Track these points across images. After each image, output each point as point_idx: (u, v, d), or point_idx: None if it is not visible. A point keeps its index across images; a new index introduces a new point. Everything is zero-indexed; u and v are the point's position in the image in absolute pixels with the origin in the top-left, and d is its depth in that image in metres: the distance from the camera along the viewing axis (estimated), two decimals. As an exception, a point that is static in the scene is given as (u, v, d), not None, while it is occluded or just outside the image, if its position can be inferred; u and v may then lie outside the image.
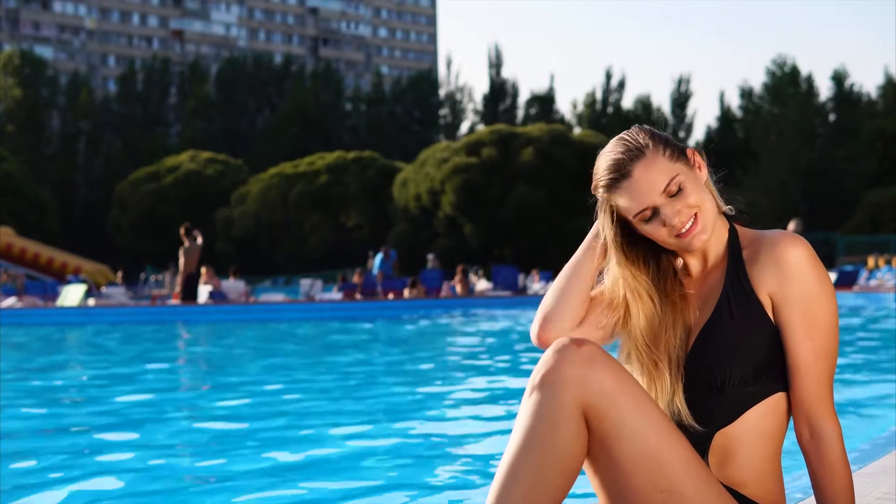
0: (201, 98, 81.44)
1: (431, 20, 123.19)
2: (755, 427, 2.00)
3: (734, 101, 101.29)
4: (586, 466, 1.99)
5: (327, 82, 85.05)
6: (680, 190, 2.03)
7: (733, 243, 2.09)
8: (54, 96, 79.68)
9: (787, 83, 65.00)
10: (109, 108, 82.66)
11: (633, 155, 2.03)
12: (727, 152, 63.64)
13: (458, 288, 22.53)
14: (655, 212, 2.03)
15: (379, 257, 24.52)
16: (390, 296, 21.03)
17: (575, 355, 1.91)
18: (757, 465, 2.01)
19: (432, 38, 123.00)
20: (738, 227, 2.13)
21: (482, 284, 26.60)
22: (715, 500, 1.91)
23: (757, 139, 62.52)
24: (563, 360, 1.91)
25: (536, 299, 20.64)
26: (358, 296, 21.67)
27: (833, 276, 20.93)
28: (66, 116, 78.89)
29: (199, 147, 70.23)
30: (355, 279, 24.86)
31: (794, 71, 65.78)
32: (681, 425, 2.02)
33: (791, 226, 20.09)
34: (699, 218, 2.03)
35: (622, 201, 2.05)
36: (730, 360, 1.99)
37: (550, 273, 32.72)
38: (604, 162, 2.07)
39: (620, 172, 2.03)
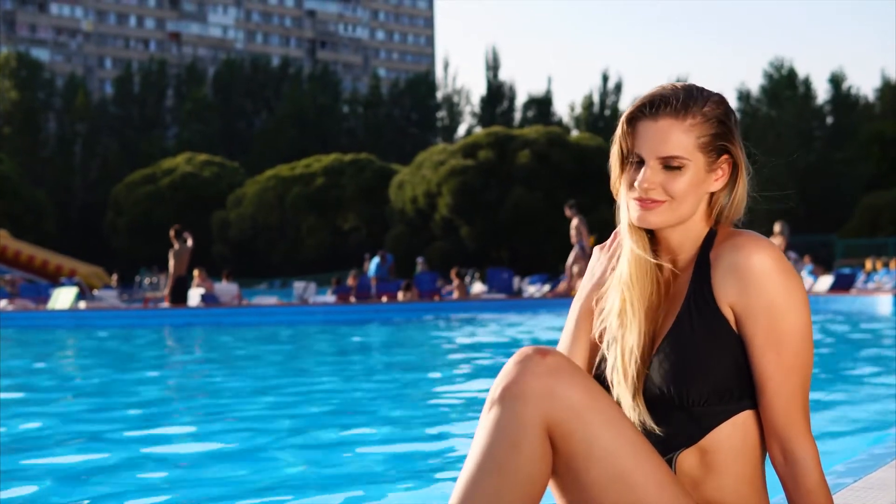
0: (198, 100, 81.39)
1: (429, 22, 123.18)
2: (726, 446, 1.84)
3: (732, 104, 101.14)
4: (552, 488, 1.83)
5: (325, 85, 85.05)
6: (675, 169, 1.86)
7: (706, 246, 1.90)
8: (51, 98, 79.61)
9: (784, 86, 65.03)
10: (106, 111, 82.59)
11: (663, 105, 1.87)
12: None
13: (455, 292, 22.38)
14: (641, 164, 1.88)
15: (375, 261, 24.40)
16: (384, 298, 20.87)
17: (539, 367, 1.75)
18: (734, 485, 1.85)
19: (430, 41, 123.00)
20: (721, 228, 1.94)
21: (477, 287, 26.42)
22: None
23: (754, 141, 61.98)
24: (525, 371, 1.75)
25: (531, 302, 20.49)
26: (352, 299, 21.52)
27: (830, 279, 20.74)
28: (63, 119, 78.82)
29: (197, 149, 70.14)
30: (350, 282, 24.74)
31: (792, 73, 65.81)
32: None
33: (776, 227, 19.97)
34: (665, 207, 1.86)
35: (634, 134, 1.89)
36: (687, 378, 1.82)
37: (546, 276, 32.60)
38: (650, 91, 1.92)
39: (637, 112, 1.88)
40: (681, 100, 1.87)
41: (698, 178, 1.87)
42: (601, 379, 1.92)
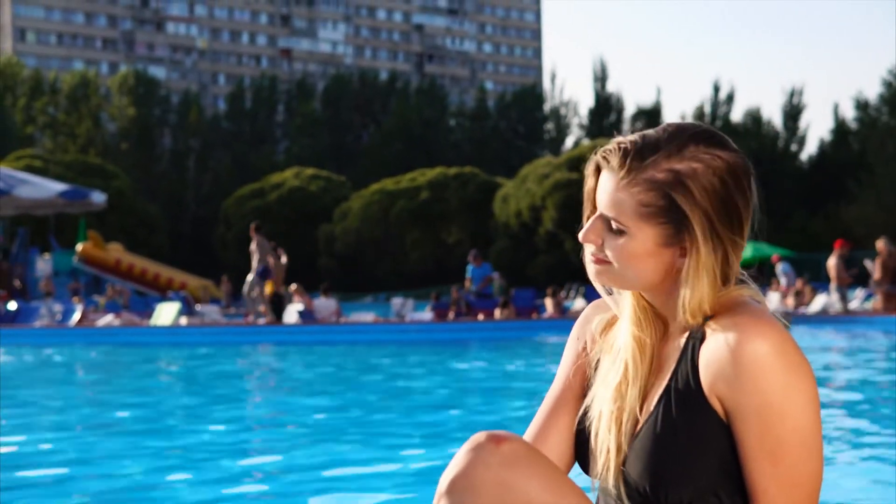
0: (307, 115, 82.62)
1: (536, 35, 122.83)
2: None
3: (849, 113, 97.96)
4: None
5: (432, 98, 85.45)
6: (619, 233, 1.57)
7: (701, 323, 1.56)
8: (166, 115, 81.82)
9: (904, 94, 62.68)
10: (219, 126, 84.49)
11: (615, 155, 1.58)
12: (841, 166, 61.62)
13: (549, 308, 21.93)
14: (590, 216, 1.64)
15: (470, 267, 23.29)
16: (481, 316, 20.59)
17: (493, 456, 1.52)
18: None
19: (537, 53, 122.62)
20: (728, 293, 1.56)
21: (579, 303, 25.94)
22: None
23: (873, 151, 60.36)
24: (477, 461, 1.52)
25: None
26: (451, 315, 21.28)
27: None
28: (177, 134, 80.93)
29: (305, 163, 71.11)
30: (454, 295, 23.96)
31: (912, 81, 63.37)
32: None
33: (878, 244, 19.01)
34: (608, 268, 1.59)
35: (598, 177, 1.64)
36: (664, 478, 1.53)
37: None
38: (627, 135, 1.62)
39: (600, 158, 1.62)
40: (635, 152, 1.56)
41: (645, 249, 1.56)
42: (582, 437, 1.67)
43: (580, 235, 1.63)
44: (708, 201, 1.53)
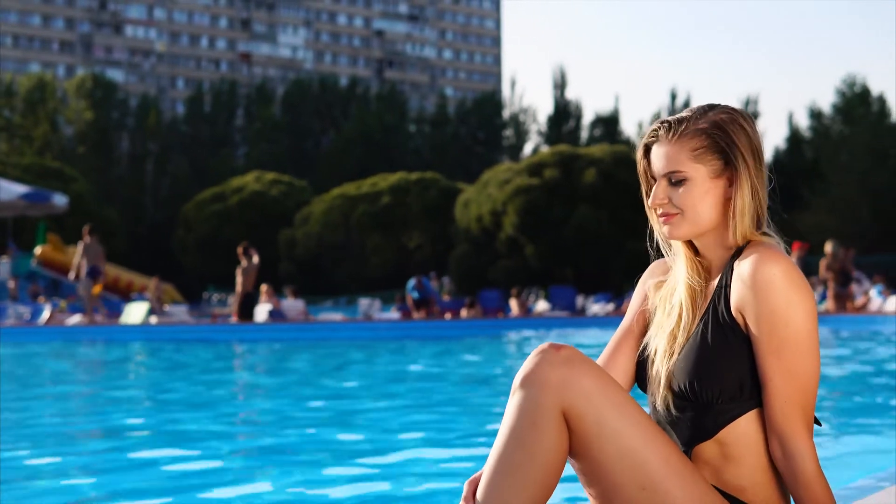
0: (267, 120, 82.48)
1: (496, 42, 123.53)
2: (742, 440, 2.04)
3: (803, 122, 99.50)
4: (573, 465, 2.02)
5: (392, 104, 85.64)
6: (679, 183, 2.08)
7: (732, 260, 2.08)
8: (124, 118, 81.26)
9: (857, 103, 63.86)
10: (177, 130, 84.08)
11: (662, 130, 2.11)
12: (795, 173, 62.71)
13: (514, 308, 22.35)
14: (652, 186, 2.17)
15: (410, 284, 23.72)
16: (448, 315, 20.93)
17: (555, 358, 1.96)
18: (751, 473, 2.05)
19: (497, 60, 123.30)
20: (754, 242, 2.08)
21: (541, 305, 26.37)
22: (700, 498, 1.94)
23: (826, 160, 61.48)
24: (543, 363, 1.96)
25: (594, 320, 20.38)
26: (414, 314, 21.60)
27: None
28: (136, 138, 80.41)
29: (265, 168, 70.98)
30: (408, 301, 24.26)
31: (865, 91, 64.60)
32: (671, 429, 2.10)
33: (827, 247, 19.78)
34: (679, 218, 2.09)
35: (649, 159, 2.18)
36: (702, 378, 2.03)
37: (611, 295, 32.38)
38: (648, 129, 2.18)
39: (646, 146, 2.17)
40: (675, 120, 2.12)
41: (703, 187, 2.08)
42: (643, 367, 2.16)
43: (649, 202, 2.12)
44: (739, 137, 2.08)
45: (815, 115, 66.96)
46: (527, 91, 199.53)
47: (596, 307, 24.95)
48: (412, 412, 6.92)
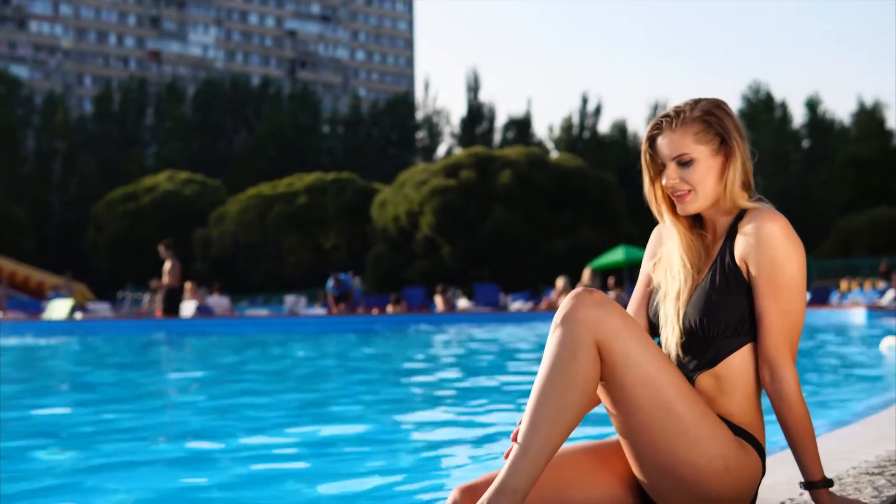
0: (178, 119, 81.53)
1: (409, 44, 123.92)
2: (736, 370, 2.43)
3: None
4: (600, 390, 2.39)
5: (304, 104, 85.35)
6: (688, 164, 2.48)
7: (736, 221, 2.50)
8: (29, 116, 79.50)
9: (761, 109, 65.89)
10: (85, 128, 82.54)
11: (665, 122, 2.50)
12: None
13: (439, 304, 22.75)
14: (664, 169, 2.52)
15: (329, 283, 23.86)
16: (374, 311, 21.23)
17: (588, 299, 2.34)
18: (740, 400, 2.44)
19: (410, 62, 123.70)
20: (752, 205, 2.50)
21: (462, 303, 26.80)
22: (703, 418, 2.35)
23: (731, 164, 63.16)
24: (579, 304, 2.33)
25: (516, 315, 20.89)
26: (334, 310, 21.81)
27: (807, 295, 21.29)
28: (42, 136, 78.70)
29: (176, 167, 70.15)
30: (320, 299, 24.32)
31: (769, 97, 66.69)
32: (678, 363, 2.47)
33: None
34: (691, 194, 2.48)
35: (654, 149, 2.53)
36: (708, 314, 2.41)
37: (528, 293, 33.01)
38: (661, 113, 2.55)
39: (652, 133, 2.53)
40: (674, 113, 2.50)
41: (708, 164, 2.48)
42: (656, 314, 2.57)
43: (663, 183, 2.51)
44: (728, 119, 2.51)
45: (721, 120, 68.72)
46: (440, 93, 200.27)
47: (517, 304, 25.51)
48: (380, 403, 7.23)
